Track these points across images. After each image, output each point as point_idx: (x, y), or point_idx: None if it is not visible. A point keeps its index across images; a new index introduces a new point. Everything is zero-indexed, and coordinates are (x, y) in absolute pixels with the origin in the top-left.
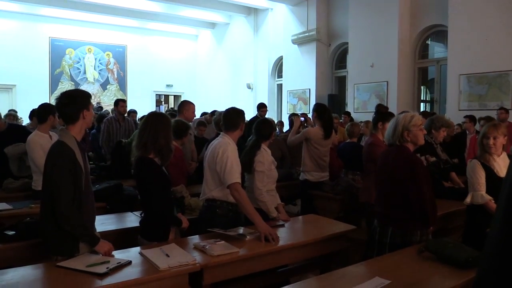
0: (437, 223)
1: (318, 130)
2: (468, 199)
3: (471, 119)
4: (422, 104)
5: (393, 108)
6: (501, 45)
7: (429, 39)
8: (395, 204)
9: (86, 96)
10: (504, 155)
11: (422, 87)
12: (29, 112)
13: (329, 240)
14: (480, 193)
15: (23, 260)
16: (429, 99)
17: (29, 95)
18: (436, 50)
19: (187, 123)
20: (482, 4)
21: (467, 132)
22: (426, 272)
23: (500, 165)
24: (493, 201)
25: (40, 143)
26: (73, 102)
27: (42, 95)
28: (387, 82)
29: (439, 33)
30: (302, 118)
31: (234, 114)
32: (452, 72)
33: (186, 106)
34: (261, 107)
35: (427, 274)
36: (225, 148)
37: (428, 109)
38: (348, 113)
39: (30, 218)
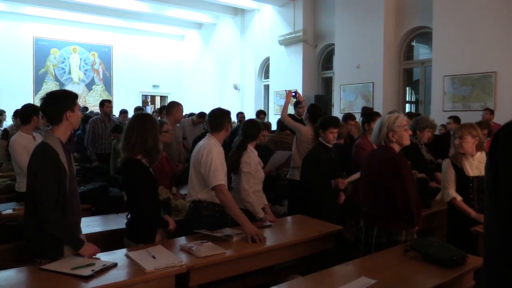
0: (422, 222)
1: (309, 131)
2: (438, 196)
3: (455, 119)
4: (407, 105)
5: (379, 108)
6: (484, 47)
7: (414, 40)
8: (380, 203)
9: (71, 96)
10: (480, 154)
11: (407, 88)
12: (12, 113)
13: (316, 240)
14: (447, 190)
15: (6, 263)
16: (414, 100)
17: (12, 96)
18: (421, 51)
19: (162, 121)
20: (466, 6)
21: (451, 132)
22: (411, 271)
23: (474, 164)
24: (458, 199)
25: (23, 144)
26: (57, 103)
27: (26, 96)
28: (373, 83)
29: (424, 35)
30: (294, 93)
31: (220, 114)
32: (437, 74)
33: (176, 107)
34: (299, 104)
35: (413, 273)
36: (209, 149)
37: (413, 110)
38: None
39: (14, 220)
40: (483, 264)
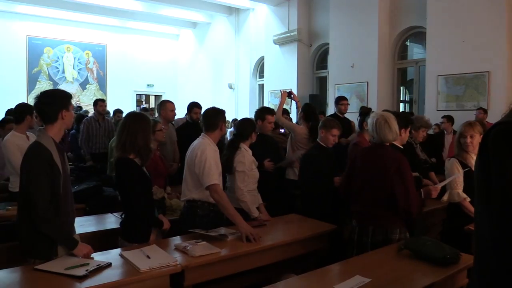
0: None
1: (303, 130)
2: (445, 197)
3: (449, 119)
4: (401, 104)
5: (373, 108)
6: (477, 46)
7: (408, 40)
8: (377, 202)
9: (67, 96)
10: None
11: (401, 88)
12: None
13: (310, 239)
14: (457, 191)
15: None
16: (408, 100)
17: (5, 95)
18: (415, 51)
19: (155, 120)
20: (459, 6)
21: (445, 132)
22: (405, 269)
23: None
24: (468, 200)
25: (17, 144)
26: (53, 102)
27: (19, 95)
28: (367, 82)
29: (418, 35)
30: (289, 93)
31: (214, 114)
32: (431, 73)
33: (163, 106)
34: (341, 100)
35: (407, 272)
36: (203, 149)
37: (407, 109)
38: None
39: (7, 220)
40: (474, 263)
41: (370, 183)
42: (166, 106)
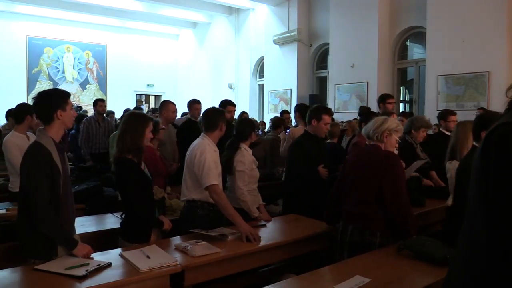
0: (416, 223)
1: (301, 130)
2: (449, 201)
3: None
4: (401, 104)
5: (373, 108)
6: (477, 47)
7: (408, 40)
8: (362, 201)
9: (62, 96)
10: None
11: (401, 88)
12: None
13: (310, 240)
14: None
15: (0, 264)
16: (408, 100)
17: (5, 95)
18: (415, 51)
19: (156, 120)
20: (459, 6)
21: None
22: (405, 269)
23: None
24: None
25: (17, 144)
26: (47, 102)
27: (19, 95)
28: (367, 82)
29: (418, 35)
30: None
31: (214, 114)
32: (430, 73)
33: (165, 106)
34: (388, 98)
35: (406, 272)
36: (203, 149)
37: (407, 109)
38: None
39: (7, 220)
40: (454, 265)
41: (358, 183)
42: (169, 107)
